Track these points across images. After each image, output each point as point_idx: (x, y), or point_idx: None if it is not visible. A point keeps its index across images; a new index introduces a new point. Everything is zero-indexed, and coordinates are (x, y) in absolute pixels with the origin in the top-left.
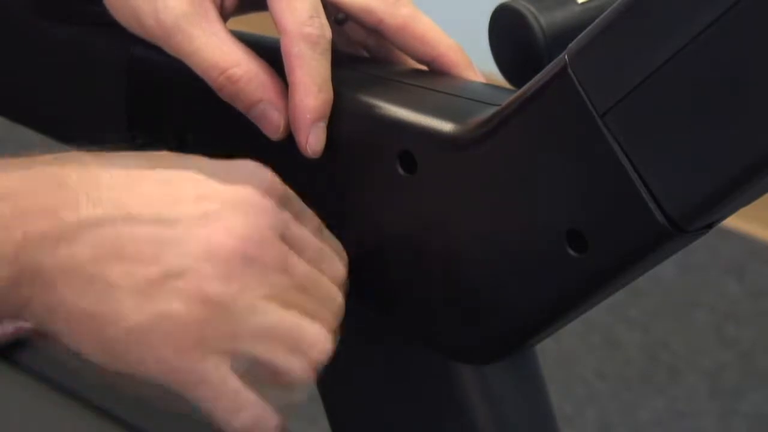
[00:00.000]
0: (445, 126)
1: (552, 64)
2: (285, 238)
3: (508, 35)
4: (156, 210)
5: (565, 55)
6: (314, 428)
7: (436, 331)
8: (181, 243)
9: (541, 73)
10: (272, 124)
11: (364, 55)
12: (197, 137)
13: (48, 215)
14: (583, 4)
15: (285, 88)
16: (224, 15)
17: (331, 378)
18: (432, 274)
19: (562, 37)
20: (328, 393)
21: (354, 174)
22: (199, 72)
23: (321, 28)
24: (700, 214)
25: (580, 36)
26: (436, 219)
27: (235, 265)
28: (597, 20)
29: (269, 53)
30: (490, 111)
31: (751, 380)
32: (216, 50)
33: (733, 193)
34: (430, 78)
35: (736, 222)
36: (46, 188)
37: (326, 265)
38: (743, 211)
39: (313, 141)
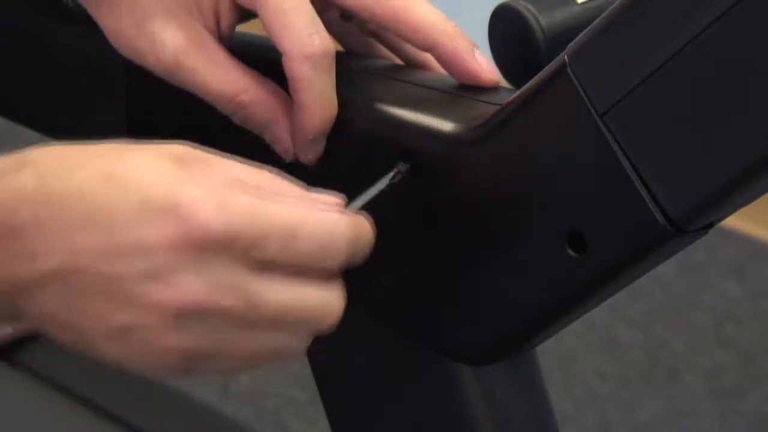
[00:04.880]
0: (446, 125)
1: (552, 64)
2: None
3: (508, 35)
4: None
5: (564, 55)
6: (314, 428)
7: (436, 331)
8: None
9: (540, 73)
10: (283, 146)
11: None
12: (197, 138)
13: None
14: (583, 4)
15: (292, 106)
16: (223, 35)
17: (331, 378)
18: (432, 274)
19: (562, 37)
20: (328, 393)
21: (354, 173)
22: (208, 101)
23: (322, 43)
24: (700, 214)
25: (579, 36)
26: (436, 218)
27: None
28: (597, 20)
29: (275, 65)
30: (490, 111)
31: (751, 380)
32: (220, 80)
33: (733, 193)
34: (431, 76)
35: (736, 222)
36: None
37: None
38: (743, 211)
39: (311, 155)
